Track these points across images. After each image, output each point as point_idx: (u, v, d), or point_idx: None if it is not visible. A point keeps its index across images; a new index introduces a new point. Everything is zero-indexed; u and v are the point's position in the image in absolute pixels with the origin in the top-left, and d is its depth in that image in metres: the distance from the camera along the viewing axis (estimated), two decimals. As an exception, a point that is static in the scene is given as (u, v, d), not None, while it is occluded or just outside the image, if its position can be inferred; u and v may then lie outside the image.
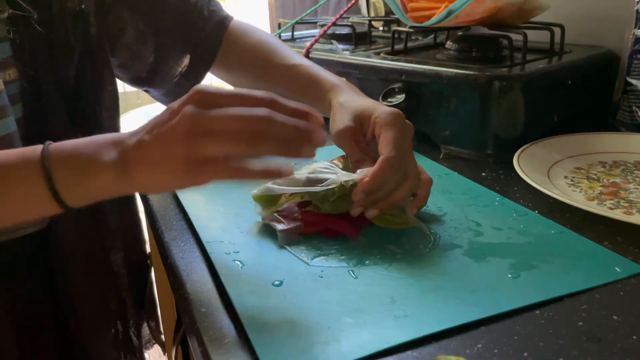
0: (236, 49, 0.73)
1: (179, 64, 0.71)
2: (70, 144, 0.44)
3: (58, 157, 0.43)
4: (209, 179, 0.41)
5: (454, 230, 0.50)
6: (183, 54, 0.71)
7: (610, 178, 0.60)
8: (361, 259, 0.46)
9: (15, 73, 0.54)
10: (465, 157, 0.68)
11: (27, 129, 0.56)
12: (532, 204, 0.55)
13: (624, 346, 0.35)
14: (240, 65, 0.74)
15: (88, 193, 0.43)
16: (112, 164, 0.42)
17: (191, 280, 0.44)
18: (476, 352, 0.35)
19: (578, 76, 0.73)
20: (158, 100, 0.78)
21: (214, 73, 0.77)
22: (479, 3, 0.69)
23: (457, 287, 0.41)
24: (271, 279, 0.43)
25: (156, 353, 1.89)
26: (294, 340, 0.36)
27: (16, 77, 0.54)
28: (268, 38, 0.73)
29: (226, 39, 0.73)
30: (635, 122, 0.73)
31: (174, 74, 0.72)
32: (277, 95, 0.43)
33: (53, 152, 0.43)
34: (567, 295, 0.40)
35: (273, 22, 2.12)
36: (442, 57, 0.77)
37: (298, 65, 0.67)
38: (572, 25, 0.80)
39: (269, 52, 0.71)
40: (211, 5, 0.73)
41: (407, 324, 0.37)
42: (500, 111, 0.65)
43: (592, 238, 0.48)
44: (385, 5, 1.14)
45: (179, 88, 0.73)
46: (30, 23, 0.54)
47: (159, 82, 0.72)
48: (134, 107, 0.93)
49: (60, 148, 0.44)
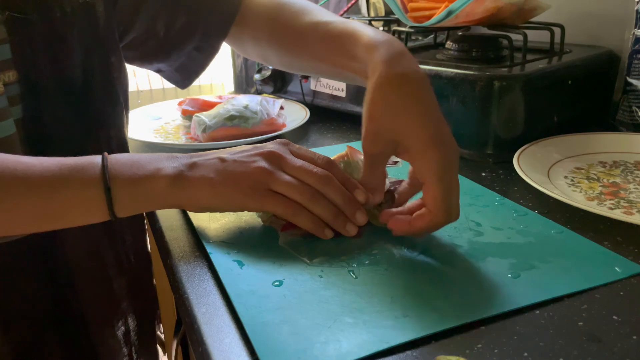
0: (256, 13, 0.65)
1: (192, 36, 0.68)
2: (129, 156, 0.48)
3: (118, 171, 0.46)
4: (268, 206, 0.48)
5: (454, 230, 0.50)
6: (196, 25, 0.68)
7: (610, 178, 0.60)
8: (361, 259, 0.46)
9: (15, 75, 0.54)
10: (465, 157, 0.68)
11: (26, 130, 0.56)
12: (532, 204, 0.55)
13: (624, 346, 0.35)
14: (263, 26, 0.65)
15: (139, 202, 0.47)
16: (171, 172, 0.47)
17: (191, 280, 0.44)
18: (476, 352, 0.35)
19: (578, 76, 0.73)
20: (170, 80, 0.74)
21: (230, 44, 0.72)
22: (479, 3, 0.69)
23: (457, 287, 0.41)
24: (271, 279, 0.43)
25: (156, 353, 1.89)
26: (294, 340, 0.36)
27: (16, 78, 0.54)
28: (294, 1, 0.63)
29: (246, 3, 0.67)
30: (635, 122, 0.73)
31: (187, 47, 0.69)
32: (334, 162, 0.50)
33: (112, 163, 0.46)
34: (567, 295, 0.40)
35: (273, 22, 2.11)
36: (442, 57, 0.77)
37: (329, 22, 0.56)
38: (572, 25, 0.80)
39: (296, 11, 0.60)
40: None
41: (407, 324, 0.37)
42: (500, 111, 0.65)
43: (592, 238, 0.48)
44: (385, 5, 1.14)
45: (191, 61, 0.71)
46: (31, 23, 0.54)
47: (172, 56, 0.70)
48: (134, 107, 0.93)
49: (119, 158, 0.47)
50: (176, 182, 0.46)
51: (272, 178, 0.47)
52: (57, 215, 0.46)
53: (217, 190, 0.47)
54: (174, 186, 0.46)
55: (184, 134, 0.85)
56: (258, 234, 0.51)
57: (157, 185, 0.46)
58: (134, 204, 0.47)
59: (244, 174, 0.47)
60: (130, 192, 0.46)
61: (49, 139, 0.58)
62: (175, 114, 0.93)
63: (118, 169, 0.46)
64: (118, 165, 0.46)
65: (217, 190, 0.47)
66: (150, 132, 0.85)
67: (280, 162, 0.49)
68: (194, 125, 0.80)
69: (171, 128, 0.88)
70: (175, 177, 0.47)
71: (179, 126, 0.89)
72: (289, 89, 0.93)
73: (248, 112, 0.80)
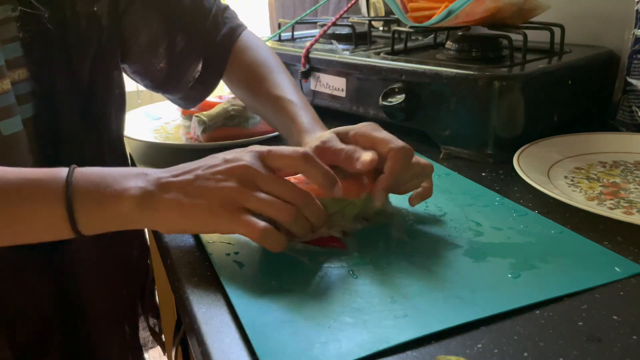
0: (237, 63, 0.72)
1: (192, 69, 0.71)
2: (97, 172, 0.45)
3: (82, 187, 0.43)
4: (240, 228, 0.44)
5: (454, 230, 0.50)
6: (196, 59, 0.71)
7: (610, 178, 0.60)
8: (361, 259, 0.46)
9: (26, 73, 0.54)
10: (465, 157, 0.68)
11: (36, 128, 0.56)
12: (532, 204, 0.55)
13: (624, 346, 0.35)
14: (238, 80, 0.73)
15: (105, 222, 0.44)
16: (138, 192, 0.43)
17: (191, 281, 0.44)
18: (476, 352, 0.35)
19: (578, 76, 0.73)
20: (177, 104, 0.78)
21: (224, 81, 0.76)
22: (479, 3, 0.69)
23: (457, 287, 0.41)
24: (271, 279, 0.43)
25: (156, 353, 1.89)
26: (294, 341, 0.36)
27: (26, 76, 0.54)
28: (266, 57, 0.71)
29: (233, 50, 0.72)
30: (635, 122, 0.73)
31: (188, 79, 0.72)
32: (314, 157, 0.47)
33: (77, 179, 0.43)
34: (567, 295, 0.40)
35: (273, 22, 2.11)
36: (442, 57, 0.77)
37: (281, 98, 0.65)
38: (572, 25, 0.80)
39: (260, 76, 0.69)
40: (226, 13, 0.72)
41: (407, 324, 0.37)
42: (500, 111, 0.65)
43: (592, 238, 0.48)
44: (385, 5, 1.14)
45: (194, 92, 0.73)
46: (42, 22, 0.54)
47: (174, 87, 0.72)
48: (134, 107, 0.93)
49: (85, 174, 0.44)
50: (143, 204, 0.43)
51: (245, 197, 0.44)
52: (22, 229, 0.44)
53: (187, 212, 0.44)
54: (141, 208, 0.43)
55: (184, 134, 0.85)
56: (258, 234, 0.51)
57: (122, 206, 0.43)
58: (99, 224, 0.44)
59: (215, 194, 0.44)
60: (95, 212, 0.43)
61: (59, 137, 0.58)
62: (175, 114, 0.93)
63: (83, 186, 0.43)
64: (83, 182, 0.43)
65: (187, 213, 0.44)
66: (150, 132, 0.85)
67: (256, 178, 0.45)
68: (194, 125, 0.80)
69: (171, 128, 0.88)
70: (142, 199, 0.43)
71: (179, 126, 0.89)
72: (289, 89, 0.93)
73: (248, 112, 0.80)
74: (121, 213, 0.43)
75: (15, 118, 0.53)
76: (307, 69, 0.87)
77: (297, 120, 0.61)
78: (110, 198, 0.43)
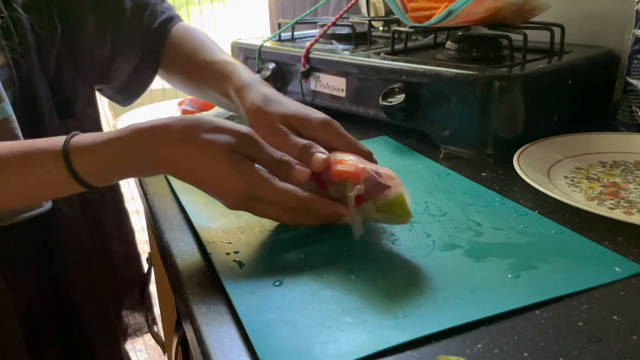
0: (173, 49, 0.74)
1: (132, 58, 0.73)
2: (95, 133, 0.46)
3: (78, 138, 0.45)
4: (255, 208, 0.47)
5: (454, 230, 0.50)
6: (135, 48, 0.73)
7: (610, 178, 0.60)
8: (361, 259, 0.46)
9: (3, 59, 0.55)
10: (465, 157, 0.68)
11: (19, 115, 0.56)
12: (532, 204, 0.55)
13: (624, 346, 0.35)
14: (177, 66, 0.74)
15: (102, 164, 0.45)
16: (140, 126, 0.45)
17: (191, 280, 0.44)
18: (476, 352, 0.35)
19: (578, 76, 0.73)
20: (111, 99, 0.80)
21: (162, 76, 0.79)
22: (479, 3, 0.69)
23: (457, 287, 0.41)
24: (271, 279, 0.43)
25: (156, 353, 1.89)
26: (294, 340, 0.36)
27: (4, 62, 0.55)
28: (203, 39, 0.74)
29: (168, 39, 0.74)
30: (635, 122, 0.73)
31: (129, 67, 0.74)
32: None
33: (75, 137, 0.45)
34: (567, 295, 0.40)
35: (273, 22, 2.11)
36: (442, 57, 0.77)
37: (218, 61, 0.67)
38: (572, 25, 0.80)
39: (196, 50, 0.71)
40: (163, 5, 0.75)
41: (407, 324, 0.37)
42: (500, 111, 0.65)
43: (592, 238, 0.48)
44: (385, 5, 1.14)
45: (132, 82, 0.75)
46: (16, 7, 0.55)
47: (115, 76, 0.74)
48: (134, 107, 0.93)
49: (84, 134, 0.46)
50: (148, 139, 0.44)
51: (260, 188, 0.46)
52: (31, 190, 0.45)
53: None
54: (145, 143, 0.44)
55: (183, 134, 0.85)
56: (258, 234, 0.51)
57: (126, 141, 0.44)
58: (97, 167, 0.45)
59: None
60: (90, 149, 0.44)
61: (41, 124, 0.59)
62: (175, 114, 0.93)
63: (78, 138, 0.45)
64: (80, 137, 0.45)
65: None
66: (150, 132, 0.85)
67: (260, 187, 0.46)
68: (194, 125, 0.80)
69: (171, 128, 0.88)
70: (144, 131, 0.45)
71: (179, 126, 0.89)
72: (289, 89, 0.93)
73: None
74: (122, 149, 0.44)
75: (4, 103, 0.54)
76: (307, 69, 0.87)
77: (234, 78, 0.62)
78: (107, 135, 0.45)
